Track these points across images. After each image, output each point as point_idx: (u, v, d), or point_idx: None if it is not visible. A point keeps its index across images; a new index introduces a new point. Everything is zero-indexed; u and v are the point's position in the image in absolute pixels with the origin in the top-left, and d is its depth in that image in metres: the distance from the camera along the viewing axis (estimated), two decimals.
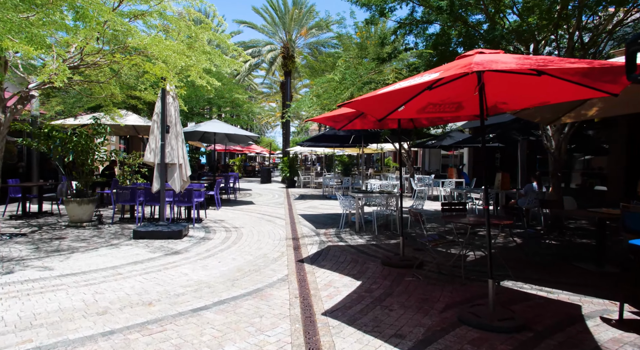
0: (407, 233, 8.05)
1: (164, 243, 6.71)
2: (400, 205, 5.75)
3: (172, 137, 7.45)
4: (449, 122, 6.25)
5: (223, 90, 13.78)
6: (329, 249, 6.53)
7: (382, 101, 4.08)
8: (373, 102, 3.89)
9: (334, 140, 10.59)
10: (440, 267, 5.38)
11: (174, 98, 7.52)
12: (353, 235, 7.74)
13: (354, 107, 3.75)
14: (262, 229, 8.29)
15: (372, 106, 4.09)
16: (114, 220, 8.71)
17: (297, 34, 24.30)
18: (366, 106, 3.98)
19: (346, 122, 6.06)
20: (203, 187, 9.57)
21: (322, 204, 12.84)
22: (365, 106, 3.97)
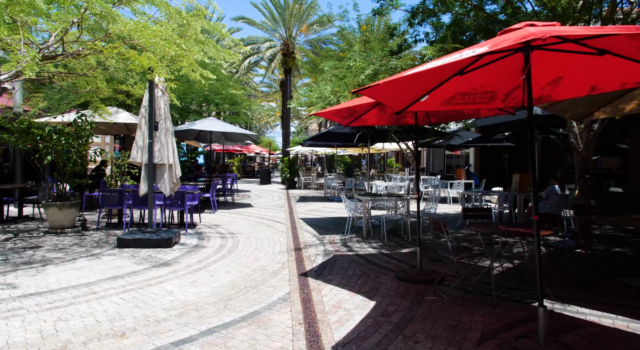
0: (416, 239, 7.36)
1: (152, 252, 6.01)
2: (417, 211, 5.06)
3: (162, 135, 6.76)
4: (471, 117, 5.55)
5: (219, 86, 13.09)
6: (335, 260, 5.84)
7: (404, 87, 3.39)
8: (394, 87, 3.21)
9: (337, 139, 9.91)
10: (465, 282, 4.70)
11: (163, 92, 6.83)
12: (361, 243, 7.05)
13: (372, 93, 3.07)
14: (260, 236, 7.60)
15: (392, 94, 3.41)
16: (100, 226, 8.01)
17: (297, 31, 23.62)
18: (385, 93, 3.29)
19: (355, 117, 5.37)
20: (197, 189, 8.88)
21: (325, 207, 12.16)
22: (385, 93, 3.29)
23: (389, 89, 3.18)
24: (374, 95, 3.13)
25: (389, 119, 5.86)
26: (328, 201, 13.88)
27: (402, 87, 3.37)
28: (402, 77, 2.74)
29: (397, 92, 3.41)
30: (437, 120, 5.84)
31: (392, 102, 3.59)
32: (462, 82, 3.53)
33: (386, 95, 3.33)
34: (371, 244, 6.99)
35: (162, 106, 6.81)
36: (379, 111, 5.44)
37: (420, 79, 3.31)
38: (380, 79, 6.90)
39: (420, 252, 5.01)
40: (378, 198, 7.71)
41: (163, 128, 6.79)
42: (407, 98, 3.68)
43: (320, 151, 24.02)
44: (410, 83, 3.30)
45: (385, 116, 5.77)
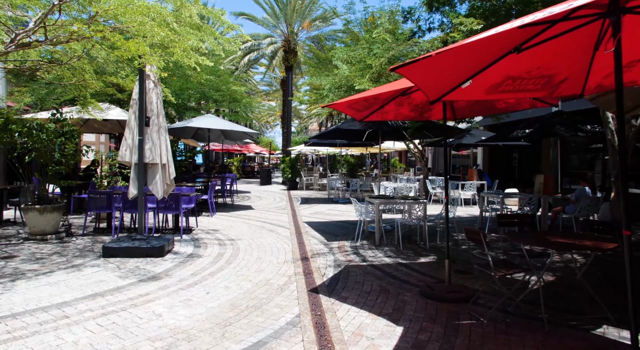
0: (435, 246, 6.70)
1: (141, 263, 5.33)
2: (446, 217, 4.39)
3: (153, 132, 6.08)
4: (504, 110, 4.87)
5: (218, 82, 12.40)
6: (348, 272, 5.17)
7: (447, 68, 2.72)
8: (440, 65, 2.54)
9: (345, 136, 9.24)
10: (500, 298, 4.03)
11: (155, 83, 6.16)
12: (373, 251, 6.38)
13: (413, 72, 2.41)
14: (262, 242, 6.92)
15: (434, 75, 2.74)
16: (87, 231, 7.33)
17: (299, 27, 22.96)
18: (428, 73, 2.63)
19: (373, 110, 4.70)
20: (194, 191, 8.20)
21: (330, 209, 11.48)
22: (427, 73, 2.62)
23: (434, 67, 2.51)
24: (414, 74, 2.47)
25: (409, 113, 5.19)
26: (332, 203, 13.21)
27: (445, 67, 2.70)
28: (453, 49, 2.07)
29: (439, 73, 2.74)
30: (463, 115, 5.17)
31: (430, 87, 2.92)
32: (518, 62, 2.86)
33: (428, 76, 2.66)
34: (385, 252, 6.32)
35: (154, 100, 6.13)
36: (400, 103, 4.77)
37: (469, 56, 2.64)
38: None
39: (450, 266, 4.33)
40: (391, 201, 7.04)
41: (155, 124, 6.12)
42: (447, 83, 3.01)
43: (323, 151, 23.36)
44: (454, 62, 2.63)
45: (405, 110, 5.10)
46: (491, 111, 5.03)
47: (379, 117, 5.07)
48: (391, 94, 4.24)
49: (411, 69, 2.32)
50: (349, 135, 9.03)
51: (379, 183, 8.52)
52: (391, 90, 4.05)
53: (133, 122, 6.03)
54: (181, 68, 10.69)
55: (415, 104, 4.90)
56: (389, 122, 7.32)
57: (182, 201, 8.02)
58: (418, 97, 4.93)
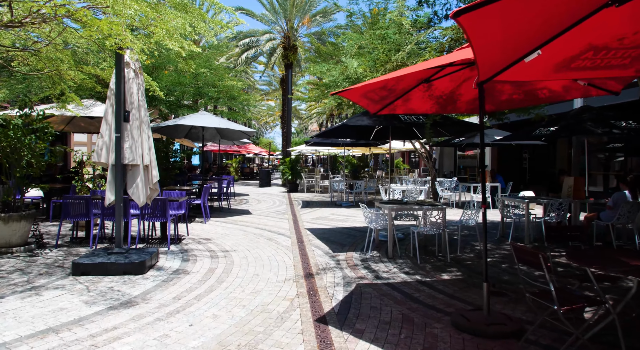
0: (456, 259, 5.89)
1: (116, 283, 4.52)
2: (484, 229, 3.57)
3: (134, 128, 5.27)
4: (548, 100, 4.05)
5: (213, 77, 11.59)
6: (360, 293, 4.36)
7: (514, 27, 1.91)
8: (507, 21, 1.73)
9: (351, 134, 8.44)
10: (557, 334, 3.22)
11: (136, 72, 5.34)
12: (386, 264, 5.57)
13: (479, 25, 1.62)
14: (260, 254, 6.11)
15: (499, 37, 1.93)
16: (62, 242, 6.51)
17: (299, 23, 22.17)
18: (493, 34, 1.83)
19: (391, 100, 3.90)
20: (184, 195, 7.39)
21: (333, 214, 10.67)
22: (492, 34, 1.82)
23: (504, 22, 1.71)
24: (483, 29, 1.67)
25: (431, 106, 4.38)
26: (335, 207, 12.40)
27: (511, 27, 1.90)
28: None
29: (503, 35, 1.93)
30: (497, 107, 4.36)
31: (489, 57, 2.12)
32: (607, 25, 2.05)
33: (496, 36, 1.86)
34: (400, 266, 5.50)
35: (135, 91, 5.32)
36: (421, 94, 3.96)
37: (542, 14, 1.83)
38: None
39: (489, 291, 3.52)
40: (405, 207, 6.23)
41: (136, 119, 5.31)
42: (504, 55, 2.20)
43: (324, 151, 22.57)
44: (520, 21, 1.82)
45: (427, 102, 4.29)
46: (530, 102, 4.22)
47: (396, 109, 4.26)
48: (415, 79, 3.44)
49: (482, 18, 1.52)
50: (356, 132, 8.22)
51: (389, 186, 7.70)
52: (416, 72, 3.25)
53: (110, 117, 5.22)
54: (172, 61, 9.89)
55: (437, 94, 4.10)
56: (401, 118, 6.52)
57: (171, 207, 7.22)
58: (442, 86, 4.13)
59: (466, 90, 4.09)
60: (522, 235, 7.52)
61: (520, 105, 4.29)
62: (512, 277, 5.04)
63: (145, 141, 5.38)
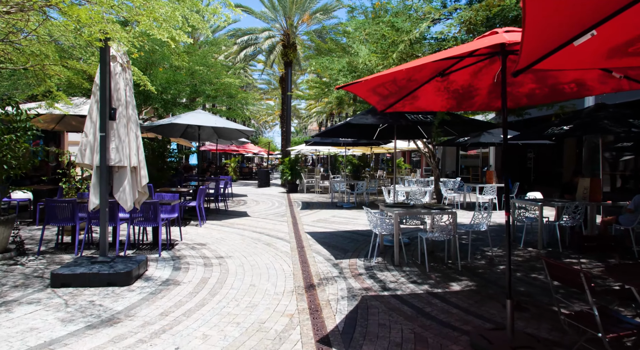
0: (467, 266, 5.50)
1: (99, 296, 4.12)
2: (507, 241, 3.18)
3: (121, 126, 4.88)
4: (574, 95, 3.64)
5: (210, 75, 11.18)
6: (367, 307, 3.97)
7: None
8: None
9: (353, 133, 8.05)
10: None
11: (124, 66, 4.95)
12: (393, 272, 5.18)
13: None
14: (257, 261, 5.72)
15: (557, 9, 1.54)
16: (46, 248, 6.12)
17: (299, 20, 21.77)
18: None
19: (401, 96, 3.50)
20: (177, 198, 6.99)
21: (334, 216, 10.28)
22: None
23: None
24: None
25: (445, 102, 3.99)
26: (336, 208, 12.01)
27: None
28: None
29: (555, 14, 1.54)
30: (516, 103, 3.97)
31: (537, 39, 1.72)
32: None
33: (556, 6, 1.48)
34: (408, 274, 5.11)
35: (122, 86, 4.93)
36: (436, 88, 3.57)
37: None
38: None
39: (512, 309, 3.13)
40: (412, 211, 5.84)
41: (123, 117, 4.91)
42: (555, 35, 1.81)
43: (324, 151, 22.17)
44: None
45: (441, 97, 3.90)
46: (554, 97, 3.83)
47: (406, 106, 3.87)
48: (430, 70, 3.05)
49: None
50: (358, 132, 7.82)
51: (393, 187, 7.30)
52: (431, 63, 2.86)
53: (95, 114, 4.82)
54: (167, 58, 9.49)
55: (454, 88, 3.71)
56: (407, 116, 6.13)
57: (163, 210, 6.84)
58: (459, 79, 3.74)
59: (485, 85, 3.71)
60: (533, 239, 7.14)
61: (543, 101, 3.89)
62: (529, 287, 4.66)
63: (133, 141, 4.99)
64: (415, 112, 6.27)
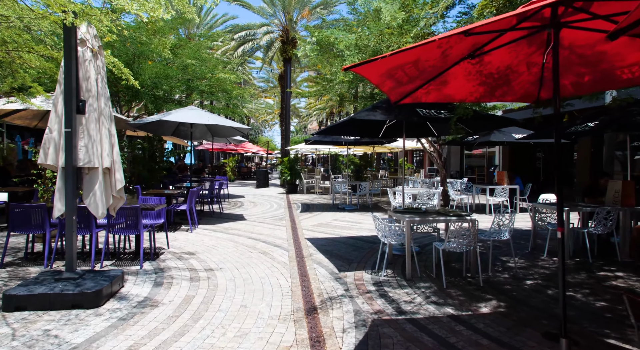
0: (489, 281, 4.84)
1: (58, 323, 3.46)
2: (561, 261, 2.51)
3: (91, 121, 4.20)
4: (628, 84, 2.97)
5: (203, 70, 10.49)
6: (379, 336, 3.30)
7: None
8: None
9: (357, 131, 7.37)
10: None
11: (95, 52, 4.27)
12: (406, 289, 4.51)
13: None
14: (251, 273, 5.06)
15: None
16: (12, 259, 5.44)
17: (298, 15, 21.09)
18: None
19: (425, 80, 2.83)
20: (164, 202, 6.32)
21: (336, 220, 9.61)
22: None
23: None
24: None
25: (475, 89, 3.32)
26: (338, 210, 11.34)
27: None
28: None
29: None
30: (564, 92, 3.30)
31: None
32: None
33: None
34: (424, 292, 4.45)
35: (93, 75, 4.25)
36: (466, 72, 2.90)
37: None
38: None
39: (569, 347, 2.45)
40: (426, 218, 5.16)
41: (94, 110, 4.24)
42: None
43: (324, 150, 21.50)
44: None
45: (475, 81, 3.22)
46: (605, 85, 3.17)
47: (426, 96, 3.19)
48: (462, 48, 2.39)
49: None
50: (363, 129, 7.15)
51: (402, 190, 6.63)
52: (463, 39, 2.19)
53: (60, 107, 4.15)
54: (156, 50, 8.81)
55: (488, 72, 3.04)
56: (419, 111, 5.45)
57: (149, 216, 6.18)
58: (497, 60, 3.07)
59: (527, 67, 3.03)
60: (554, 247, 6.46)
61: (591, 89, 3.23)
62: (569, 310, 3.98)
63: (106, 139, 4.32)
64: (428, 106, 5.60)
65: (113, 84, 9.48)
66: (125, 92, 9.81)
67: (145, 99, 9.85)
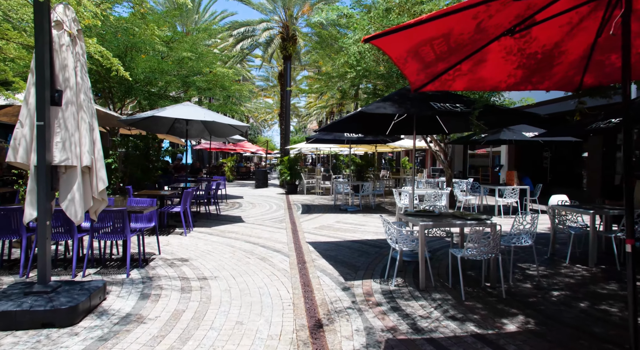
0: (511, 291, 4.37)
1: (24, 346, 2.99)
2: (631, 281, 2.05)
3: (69, 115, 3.73)
4: None
5: (200, 64, 10.01)
6: None
7: None
8: None
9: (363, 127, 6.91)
10: None
11: (73, 36, 3.80)
12: (420, 302, 4.05)
13: None
14: (249, 283, 4.60)
15: None
16: None
17: (299, 11, 20.63)
18: None
19: (460, 59, 2.38)
20: (155, 204, 5.85)
21: (339, 222, 9.15)
22: None
23: None
24: None
25: (516, 72, 2.85)
26: (340, 212, 10.88)
27: None
28: None
29: None
30: (604, 79, 2.83)
31: None
32: None
33: None
34: (441, 305, 3.98)
35: (71, 63, 3.78)
36: (508, 49, 2.44)
37: None
38: None
39: None
40: (441, 221, 4.69)
41: (72, 103, 3.76)
42: None
43: (325, 150, 21.05)
44: None
45: (514, 62, 2.75)
46: None
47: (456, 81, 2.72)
48: (510, 15, 1.93)
49: None
50: (369, 125, 6.68)
51: (412, 190, 6.17)
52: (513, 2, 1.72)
53: (31, 100, 3.67)
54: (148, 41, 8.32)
55: (532, 51, 2.57)
56: (433, 104, 4.99)
57: (139, 219, 5.71)
58: (543, 36, 2.58)
59: (578, 45, 2.56)
60: (574, 252, 5.99)
61: None
62: (608, 326, 3.53)
63: (87, 135, 3.84)
64: (443, 99, 5.14)
65: (105, 78, 9.01)
66: (117, 87, 9.33)
67: (138, 95, 9.37)
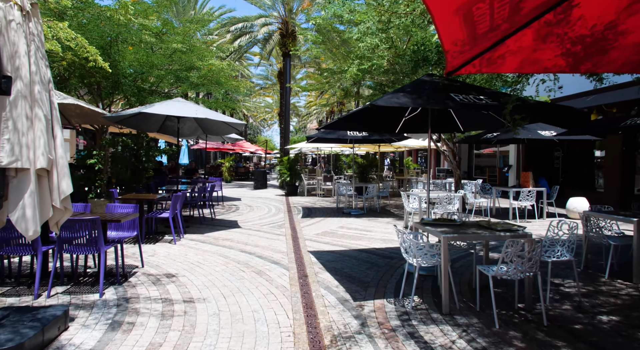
0: (550, 315, 3.71)
1: None
2: None
3: (19, 110, 3.06)
4: None
5: (192, 58, 9.33)
6: None
7: None
8: None
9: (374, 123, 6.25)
10: None
11: (25, 12, 3.13)
12: (443, 326, 3.38)
13: None
14: (241, 306, 3.93)
15: None
16: None
17: (298, 7, 19.96)
18: None
19: (507, 32, 1.70)
20: (136, 210, 5.17)
21: (343, 228, 8.48)
22: None
23: None
24: None
25: (565, 54, 2.18)
26: (343, 216, 10.21)
27: None
28: None
29: None
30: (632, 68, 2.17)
31: None
32: None
33: None
34: (467, 333, 3.31)
35: (23, 47, 3.11)
36: (548, 30, 1.77)
37: None
38: None
39: None
40: (465, 233, 4.02)
41: (24, 96, 3.09)
42: None
43: (325, 150, 20.37)
44: None
45: (563, 44, 2.09)
46: None
47: (506, 61, 2.06)
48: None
49: None
50: (379, 122, 6.01)
51: (427, 195, 5.50)
52: None
53: None
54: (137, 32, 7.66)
55: (580, 33, 1.92)
56: (454, 97, 4.32)
57: (121, 227, 5.06)
58: (593, 13, 1.96)
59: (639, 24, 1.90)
60: (612, 263, 5.32)
61: None
62: None
63: (43, 133, 3.18)
64: (465, 90, 4.48)
65: (90, 73, 8.35)
66: (104, 82, 8.66)
67: (125, 90, 8.70)
